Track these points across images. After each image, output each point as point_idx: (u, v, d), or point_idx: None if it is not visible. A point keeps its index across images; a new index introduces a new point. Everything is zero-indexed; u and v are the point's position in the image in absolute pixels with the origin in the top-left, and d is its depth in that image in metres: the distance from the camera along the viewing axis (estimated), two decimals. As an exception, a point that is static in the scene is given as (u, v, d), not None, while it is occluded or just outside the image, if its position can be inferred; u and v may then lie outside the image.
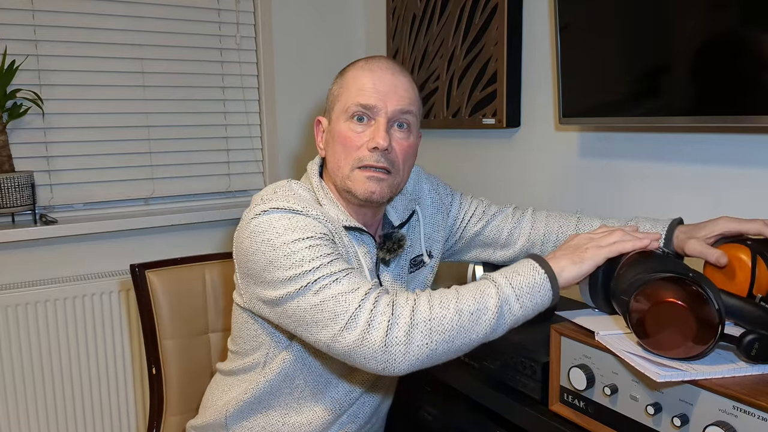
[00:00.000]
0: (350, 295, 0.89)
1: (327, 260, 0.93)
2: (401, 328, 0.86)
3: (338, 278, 0.92)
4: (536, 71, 1.58)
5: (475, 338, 0.89)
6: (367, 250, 1.09)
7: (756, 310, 0.82)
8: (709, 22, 1.07)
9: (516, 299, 0.89)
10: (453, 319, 0.87)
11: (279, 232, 0.96)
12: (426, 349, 0.87)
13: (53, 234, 1.80)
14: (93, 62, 1.90)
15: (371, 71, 1.04)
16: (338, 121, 1.05)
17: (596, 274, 0.95)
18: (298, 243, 0.94)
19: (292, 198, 1.00)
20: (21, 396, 1.83)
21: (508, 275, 0.91)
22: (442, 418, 1.30)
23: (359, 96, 1.02)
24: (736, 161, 1.16)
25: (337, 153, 1.05)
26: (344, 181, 1.05)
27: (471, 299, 0.88)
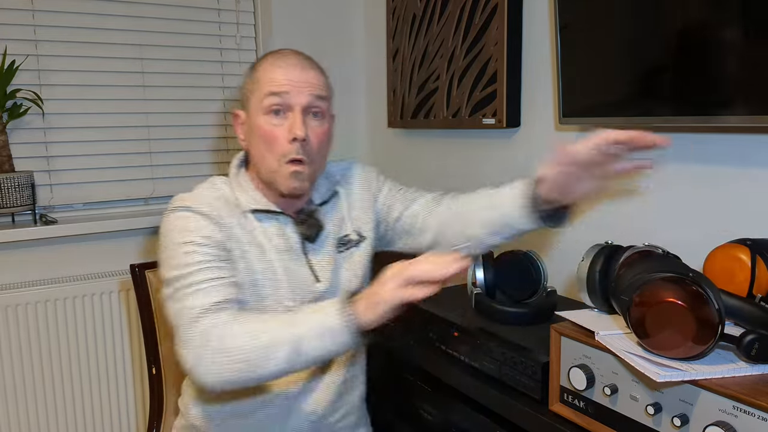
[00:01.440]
0: (187, 312, 0.99)
1: (196, 268, 1.02)
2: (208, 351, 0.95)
3: (190, 292, 1.00)
4: (536, 71, 1.58)
5: (275, 369, 0.95)
6: (283, 231, 1.13)
7: (756, 310, 0.82)
8: (709, 22, 1.07)
9: (309, 341, 0.94)
10: (248, 351, 0.94)
11: (170, 233, 1.06)
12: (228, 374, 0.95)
13: (53, 234, 1.80)
14: (93, 62, 1.90)
15: (281, 65, 1.10)
16: (256, 115, 1.09)
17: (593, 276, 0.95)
18: (180, 247, 1.04)
19: (196, 196, 1.10)
20: (21, 396, 1.83)
21: (310, 316, 0.96)
22: (442, 418, 1.30)
23: (271, 86, 1.07)
24: (737, 161, 1.16)
25: (259, 147, 1.10)
26: (271, 174, 1.10)
27: (267, 337, 0.95)
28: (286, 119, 1.08)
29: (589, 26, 1.28)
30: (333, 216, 1.21)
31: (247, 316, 1.00)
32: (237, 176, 1.16)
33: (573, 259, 1.48)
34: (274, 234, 1.12)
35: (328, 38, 2.25)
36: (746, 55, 1.02)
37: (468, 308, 1.32)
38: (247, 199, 1.12)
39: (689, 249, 1.16)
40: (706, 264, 0.98)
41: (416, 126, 1.99)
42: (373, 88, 2.28)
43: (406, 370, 1.41)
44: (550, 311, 1.24)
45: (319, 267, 1.16)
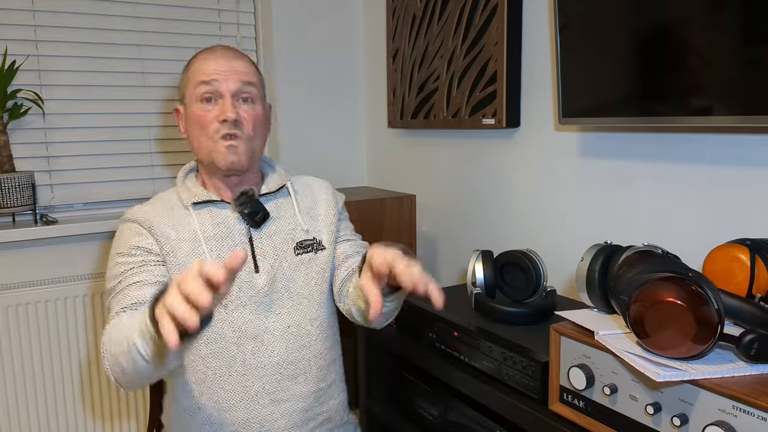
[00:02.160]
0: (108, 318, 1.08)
1: (120, 279, 1.11)
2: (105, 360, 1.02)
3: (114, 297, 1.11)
4: (536, 71, 1.58)
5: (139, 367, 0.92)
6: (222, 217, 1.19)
7: (755, 309, 0.82)
8: (709, 22, 1.07)
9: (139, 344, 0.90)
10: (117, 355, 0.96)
11: (113, 245, 1.17)
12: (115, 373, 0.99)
13: (53, 234, 1.80)
14: (93, 62, 1.90)
15: (209, 57, 1.17)
16: (191, 106, 1.17)
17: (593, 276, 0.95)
18: (114, 258, 1.15)
19: (139, 207, 1.20)
20: (21, 396, 1.83)
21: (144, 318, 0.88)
22: (442, 418, 1.30)
23: (201, 76, 1.15)
24: (737, 161, 1.16)
25: (196, 133, 1.17)
26: (210, 154, 1.16)
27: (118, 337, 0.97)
28: (218, 105, 1.16)
29: (589, 27, 1.28)
30: (279, 207, 1.24)
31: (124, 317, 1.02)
32: (184, 180, 1.24)
33: (573, 259, 1.49)
34: (210, 223, 1.18)
35: (328, 38, 2.25)
36: (746, 55, 1.02)
37: (468, 308, 1.32)
38: (187, 195, 1.20)
39: (689, 249, 1.16)
40: (706, 264, 0.98)
41: (416, 126, 1.99)
42: (373, 88, 2.28)
43: (406, 370, 1.41)
44: (550, 311, 1.24)
45: (261, 256, 1.19)
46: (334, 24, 2.25)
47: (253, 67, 1.21)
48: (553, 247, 1.56)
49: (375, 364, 1.49)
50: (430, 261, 2.02)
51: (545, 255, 1.59)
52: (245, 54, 1.22)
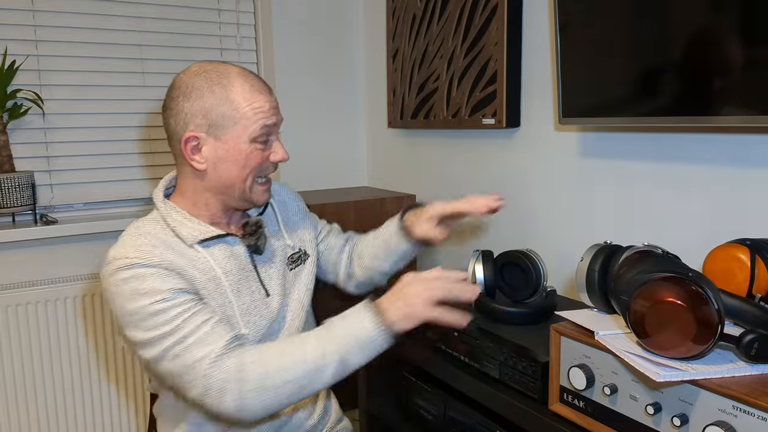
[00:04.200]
0: (200, 363, 0.97)
1: (178, 322, 0.99)
2: (253, 392, 0.96)
3: (189, 344, 0.98)
4: (536, 71, 1.58)
5: (321, 387, 1.00)
6: (231, 251, 1.12)
7: (755, 309, 0.82)
8: (709, 22, 1.07)
9: (358, 352, 0.99)
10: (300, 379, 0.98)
11: (128, 297, 1.00)
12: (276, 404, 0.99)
13: (53, 234, 1.80)
14: (93, 62, 1.90)
15: (260, 92, 1.09)
16: (238, 142, 1.07)
17: (593, 276, 0.95)
18: (147, 307, 0.99)
19: (135, 248, 1.03)
20: (21, 396, 1.83)
21: (349, 330, 1.00)
22: (442, 418, 1.30)
23: (262, 118, 1.07)
24: (737, 161, 1.16)
25: (230, 171, 1.08)
26: (243, 194, 1.11)
27: (316, 359, 0.98)
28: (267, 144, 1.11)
29: (589, 26, 1.28)
30: (269, 226, 1.22)
31: (274, 345, 1.02)
32: (168, 210, 1.10)
33: (573, 259, 1.49)
34: (224, 259, 1.10)
35: (328, 38, 2.25)
36: (746, 55, 1.02)
37: (468, 308, 1.32)
38: (190, 232, 1.08)
39: (689, 249, 1.16)
40: (706, 264, 0.98)
41: (416, 126, 1.99)
42: (373, 88, 2.28)
43: (406, 370, 1.41)
44: (550, 311, 1.24)
45: (269, 281, 1.16)
46: (334, 24, 2.25)
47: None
48: (553, 247, 1.56)
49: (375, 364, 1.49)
50: (430, 261, 2.02)
51: (545, 255, 1.58)
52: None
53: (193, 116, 1.07)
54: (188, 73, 1.10)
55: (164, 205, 1.11)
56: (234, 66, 1.11)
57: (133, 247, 1.03)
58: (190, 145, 1.08)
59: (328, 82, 2.26)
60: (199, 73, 1.08)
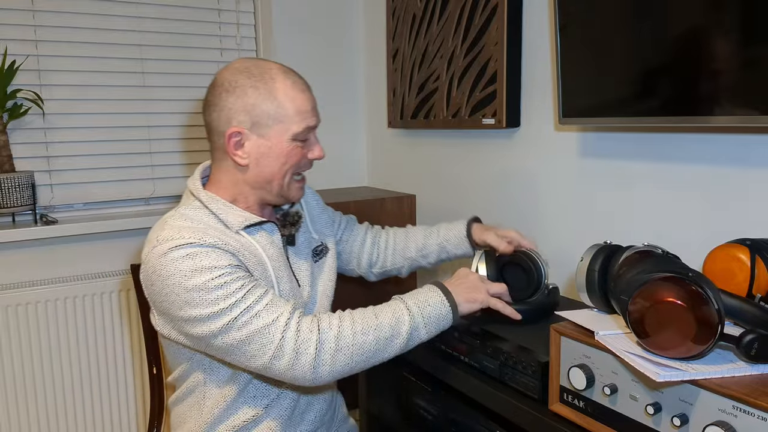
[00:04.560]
0: (272, 327, 1.00)
1: (241, 294, 1.01)
2: (327, 352, 1.01)
3: (258, 311, 1.01)
4: (536, 71, 1.58)
5: (387, 357, 1.07)
6: (271, 239, 1.16)
7: (755, 309, 0.82)
8: (709, 22, 1.07)
9: (424, 326, 1.08)
10: (372, 344, 1.04)
11: (187, 274, 1.00)
12: (347, 368, 1.04)
13: (53, 234, 1.80)
14: (93, 62, 1.90)
15: (302, 91, 1.13)
16: (280, 140, 1.11)
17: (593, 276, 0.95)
18: (209, 282, 1.00)
19: (187, 229, 1.04)
20: (21, 396, 1.83)
21: (420, 304, 1.09)
22: (442, 418, 1.30)
23: (305, 120, 1.12)
24: (737, 161, 1.16)
25: (271, 166, 1.12)
26: (282, 188, 1.15)
27: (388, 326, 1.05)
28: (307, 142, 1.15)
29: (589, 26, 1.28)
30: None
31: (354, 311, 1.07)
32: (210, 200, 1.12)
33: (573, 259, 1.49)
34: (267, 244, 1.15)
35: (328, 38, 2.25)
36: (745, 55, 1.02)
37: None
38: (235, 218, 1.11)
39: (689, 249, 1.16)
40: (706, 264, 0.98)
41: (416, 126, 1.99)
42: (373, 88, 2.28)
43: (406, 370, 1.41)
44: (552, 309, 1.24)
45: (299, 272, 1.21)
46: (333, 24, 2.25)
47: None
48: (553, 247, 1.56)
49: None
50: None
51: (545, 255, 1.59)
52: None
53: (237, 112, 1.09)
54: (230, 69, 1.13)
55: (205, 194, 1.13)
56: (275, 63, 1.14)
57: (185, 229, 1.04)
58: (233, 140, 1.10)
59: (328, 82, 2.26)
60: (241, 69, 1.11)
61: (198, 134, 2.10)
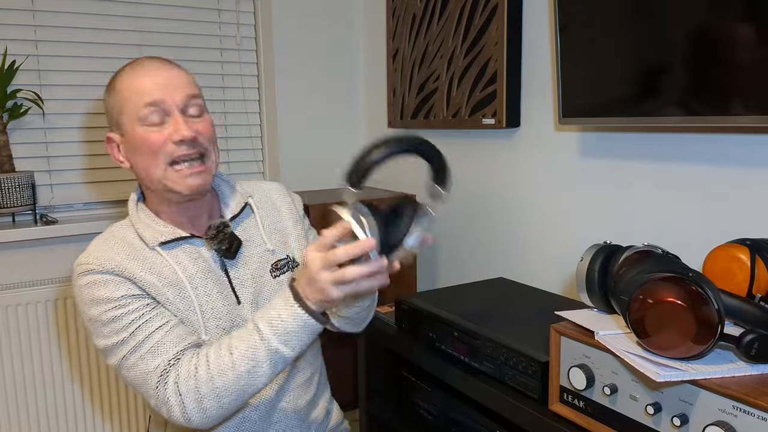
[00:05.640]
0: (151, 375, 0.98)
1: (131, 330, 0.99)
2: (191, 405, 0.96)
3: (142, 354, 0.98)
4: (536, 71, 1.58)
5: (261, 385, 0.97)
6: (198, 254, 1.08)
7: (755, 309, 0.82)
8: (709, 22, 1.07)
9: (284, 344, 0.95)
10: (233, 383, 0.95)
11: (87, 303, 1.01)
12: (221, 410, 0.97)
13: (53, 234, 1.80)
14: (93, 62, 1.90)
15: (144, 74, 1.04)
16: (133, 130, 1.03)
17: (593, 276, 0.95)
18: (103, 315, 0.99)
19: (95, 253, 1.03)
20: (21, 396, 1.83)
21: (273, 323, 0.94)
22: (442, 418, 1.30)
23: (143, 97, 1.02)
24: (737, 161, 1.16)
25: (143, 159, 1.04)
26: (161, 182, 1.04)
27: (243, 359, 0.94)
28: (165, 125, 1.03)
29: (589, 26, 1.28)
30: (246, 230, 1.15)
31: (210, 351, 0.97)
32: (137, 213, 1.10)
33: (573, 259, 1.49)
34: (189, 261, 1.07)
35: (328, 38, 2.25)
36: (746, 54, 1.02)
37: (469, 308, 1.31)
38: (151, 234, 1.06)
39: (689, 249, 1.16)
40: (706, 264, 0.98)
41: (416, 126, 1.99)
42: (373, 88, 2.28)
43: (406, 370, 1.41)
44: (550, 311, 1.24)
45: (241, 288, 1.11)
46: (334, 24, 2.25)
47: (189, 76, 1.11)
48: (553, 247, 1.56)
49: (375, 364, 1.49)
50: (430, 261, 2.02)
51: (545, 254, 1.59)
52: (174, 62, 1.11)
53: (108, 120, 1.09)
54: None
55: (135, 206, 1.11)
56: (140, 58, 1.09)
57: (94, 252, 1.04)
58: (110, 147, 1.09)
59: (328, 82, 2.26)
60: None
61: (198, 134, 2.10)
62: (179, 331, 1.02)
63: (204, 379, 0.95)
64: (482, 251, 1.80)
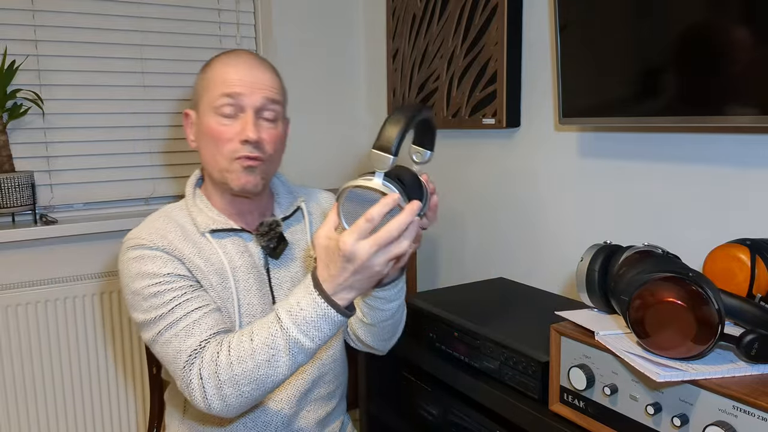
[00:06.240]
0: (181, 355, 0.97)
1: (170, 307, 0.99)
2: (211, 391, 0.94)
3: (177, 332, 0.98)
4: (536, 71, 1.58)
5: (281, 377, 0.93)
6: (245, 248, 1.10)
7: (755, 309, 0.82)
8: (709, 22, 1.07)
9: (303, 334, 0.89)
10: (252, 371, 0.92)
11: (132, 276, 1.02)
12: (241, 399, 0.94)
13: (53, 234, 1.80)
14: (93, 62, 1.90)
15: (234, 64, 1.06)
16: (206, 115, 1.06)
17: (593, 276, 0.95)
18: (146, 289, 1.00)
19: (148, 229, 1.05)
20: (21, 396, 1.83)
21: (292, 312, 0.89)
22: (442, 418, 1.30)
23: (224, 87, 1.04)
24: (737, 161, 1.16)
25: (209, 148, 1.06)
26: (222, 173, 1.06)
27: (263, 347, 0.91)
28: (237, 120, 1.04)
29: (589, 26, 1.28)
30: (294, 233, 1.16)
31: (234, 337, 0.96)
32: (194, 197, 1.12)
33: (573, 259, 1.49)
34: (235, 253, 1.08)
35: (328, 38, 2.25)
36: (745, 54, 1.02)
37: (470, 307, 1.31)
38: (204, 220, 1.08)
39: (689, 249, 1.16)
40: (706, 264, 0.98)
41: (416, 126, 1.99)
42: (373, 88, 2.28)
43: (406, 370, 1.41)
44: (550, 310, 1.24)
45: (279, 289, 1.11)
46: (334, 24, 2.25)
47: (279, 80, 1.11)
48: (553, 247, 1.56)
49: (375, 364, 1.49)
50: (430, 261, 2.02)
51: (545, 254, 1.59)
52: (271, 64, 1.12)
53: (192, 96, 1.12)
54: None
55: (192, 191, 1.13)
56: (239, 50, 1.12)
57: (148, 228, 1.05)
58: (186, 122, 1.12)
59: (328, 82, 2.26)
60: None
61: (198, 134, 2.10)
62: (216, 316, 1.02)
63: (224, 364, 0.93)
64: (482, 251, 1.80)
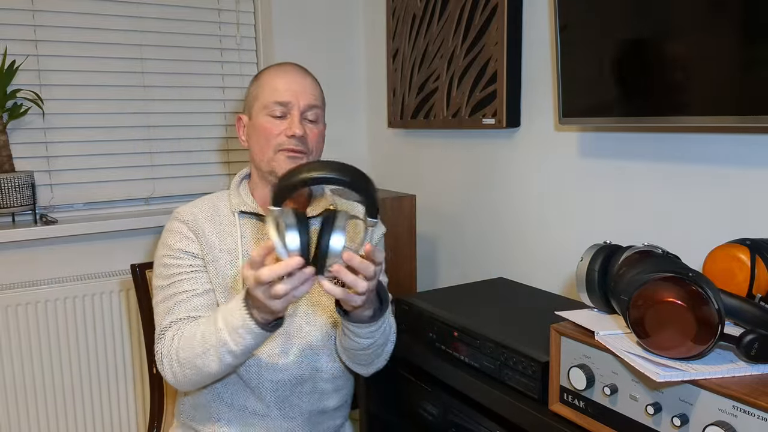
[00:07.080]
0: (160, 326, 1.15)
1: (169, 281, 1.16)
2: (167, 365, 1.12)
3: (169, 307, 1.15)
4: (536, 71, 1.58)
5: (214, 370, 1.07)
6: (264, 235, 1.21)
7: (755, 309, 0.82)
8: (709, 22, 1.07)
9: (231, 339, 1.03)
10: (192, 360, 1.08)
11: (161, 243, 1.22)
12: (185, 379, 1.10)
13: (53, 234, 1.80)
14: (93, 62, 1.90)
15: (283, 75, 1.22)
16: (259, 117, 1.21)
17: (593, 276, 0.95)
18: (162, 258, 1.20)
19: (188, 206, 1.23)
20: (21, 396, 1.83)
21: (226, 316, 1.04)
22: (442, 418, 1.30)
23: (275, 95, 1.20)
24: (737, 161, 1.16)
25: (259, 142, 1.21)
26: (269, 163, 1.20)
27: (200, 342, 1.06)
28: (285, 120, 1.20)
29: (589, 26, 1.28)
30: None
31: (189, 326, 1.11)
32: (238, 186, 1.26)
33: (573, 259, 1.49)
34: (251, 237, 1.21)
35: (328, 38, 2.25)
36: (745, 55, 1.02)
37: (469, 308, 1.31)
38: (238, 201, 1.23)
39: (689, 249, 1.16)
40: (706, 264, 0.98)
41: (416, 126, 1.99)
42: (373, 88, 2.28)
43: (405, 370, 1.41)
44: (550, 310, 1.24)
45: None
46: (334, 24, 2.25)
47: (319, 88, 1.26)
48: (553, 247, 1.56)
49: (375, 364, 1.49)
50: (430, 261, 2.02)
51: (545, 254, 1.59)
52: (312, 74, 1.26)
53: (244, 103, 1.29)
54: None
55: (239, 179, 1.28)
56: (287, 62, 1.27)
57: (191, 206, 1.23)
58: (238, 125, 1.28)
59: (328, 82, 2.25)
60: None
61: (198, 134, 2.10)
62: (197, 301, 1.15)
63: (175, 347, 1.10)
64: (482, 251, 1.80)
